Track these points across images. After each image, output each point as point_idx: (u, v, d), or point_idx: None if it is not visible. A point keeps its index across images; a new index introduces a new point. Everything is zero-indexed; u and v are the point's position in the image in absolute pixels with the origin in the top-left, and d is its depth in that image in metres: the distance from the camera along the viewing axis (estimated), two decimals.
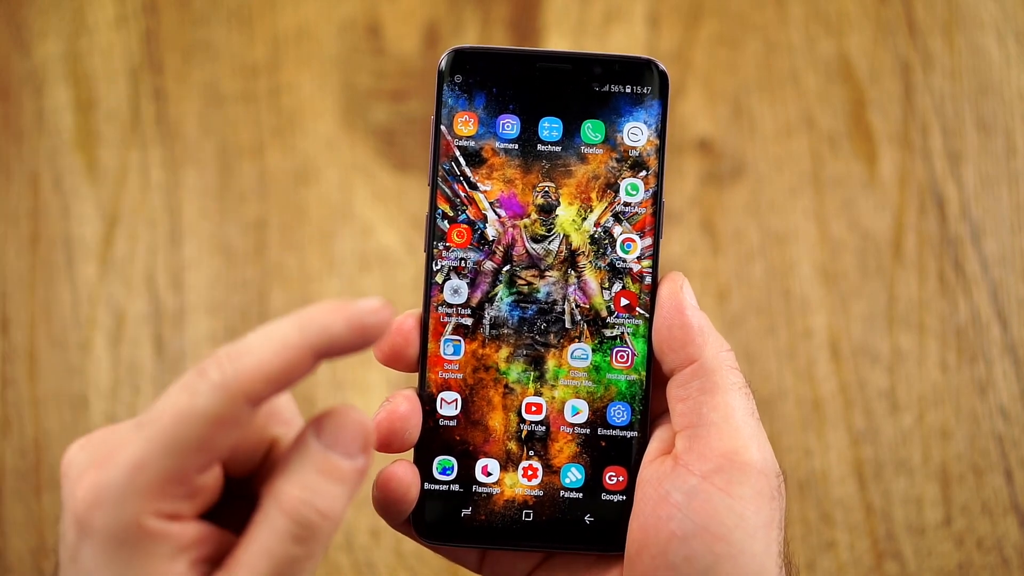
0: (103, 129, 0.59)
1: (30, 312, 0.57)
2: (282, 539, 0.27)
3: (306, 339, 0.27)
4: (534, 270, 0.36)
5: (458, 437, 0.36)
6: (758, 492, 0.32)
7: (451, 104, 0.36)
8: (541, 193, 0.36)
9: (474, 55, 0.36)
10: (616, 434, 0.36)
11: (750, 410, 0.34)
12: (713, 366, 0.34)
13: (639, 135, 0.36)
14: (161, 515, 0.26)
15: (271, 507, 0.27)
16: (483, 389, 0.36)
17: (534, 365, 0.36)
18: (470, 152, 0.36)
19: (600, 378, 0.36)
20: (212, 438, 0.26)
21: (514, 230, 0.36)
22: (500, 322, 0.36)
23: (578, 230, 0.36)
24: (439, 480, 0.35)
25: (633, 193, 0.36)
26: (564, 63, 0.36)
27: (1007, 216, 0.57)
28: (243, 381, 0.26)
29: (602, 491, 0.36)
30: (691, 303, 0.35)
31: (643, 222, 0.36)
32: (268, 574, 0.26)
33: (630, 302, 0.36)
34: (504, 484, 0.35)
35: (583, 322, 0.36)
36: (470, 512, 0.35)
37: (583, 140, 0.36)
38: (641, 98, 0.36)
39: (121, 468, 0.26)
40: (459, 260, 0.36)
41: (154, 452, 0.26)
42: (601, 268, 0.36)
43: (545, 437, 0.36)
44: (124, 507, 0.26)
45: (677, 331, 0.34)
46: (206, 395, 0.26)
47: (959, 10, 0.59)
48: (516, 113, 0.36)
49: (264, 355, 0.26)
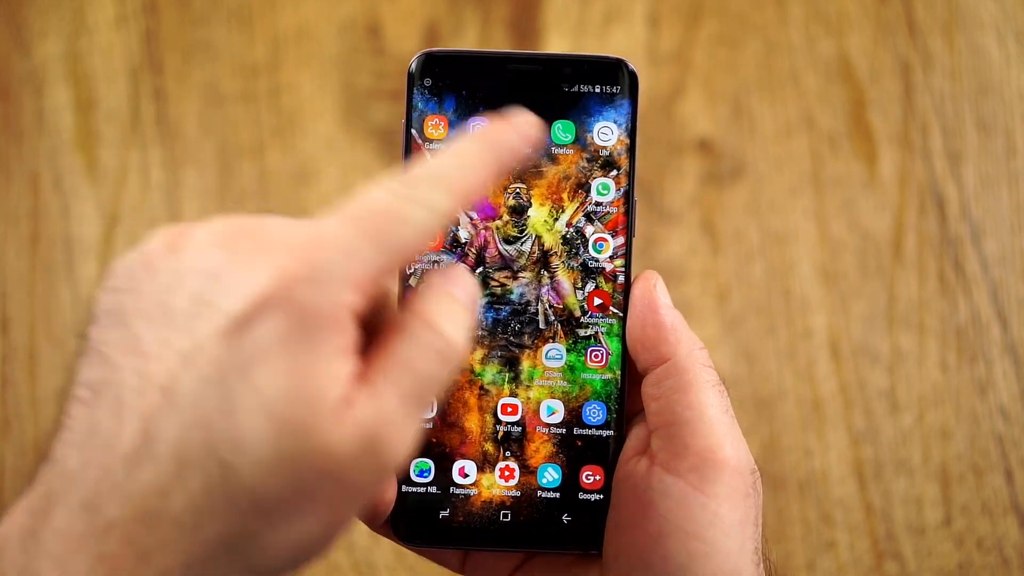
0: (103, 129, 0.59)
1: (30, 312, 0.57)
2: (426, 354, 0.27)
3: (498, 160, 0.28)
4: (507, 271, 0.36)
5: (434, 439, 0.35)
6: (733, 490, 0.32)
7: (421, 108, 0.36)
8: (512, 194, 0.36)
9: (444, 58, 0.36)
10: (592, 433, 0.36)
11: (724, 407, 0.34)
12: (686, 364, 0.34)
13: (609, 135, 0.36)
14: (354, 309, 0.26)
15: (415, 324, 0.27)
16: (458, 391, 0.36)
17: (509, 366, 0.36)
18: None
19: (575, 378, 0.36)
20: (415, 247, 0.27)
21: (486, 232, 0.36)
22: (474, 324, 0.36)
23: (550, 230, 0.36)
24: (416, 482, 0.35)
25: (604, 192, 0.36)
26: (534, 64, 0.36)
27: (1007, 216, 0.57)
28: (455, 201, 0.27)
29: (579, 491, 0.36)
30: (664, 302, 0.35)
31: (615, 221, 0.36)
32: (410, 389, 0.26)
33: (603, 301, 0.36)
34: (481, 485, 0.36)
35: (557, 322, 0.36)
36: (448, 514, 0.35)
37: (553, 140, 0.36)
38: (611, 98, 0.36)
39: (340, 251, 0.26)
40: (432, 263, 0.36)
41: (366, 246, 0.26)
42: (574, 268, 0.36)
43: (521, 438, 0.36)
44: (337, 289, 0.25)
45: (650, 330, 0.34)
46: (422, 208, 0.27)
47: (959, 10, 0.59)
48: (486, 115, 0.36)
49: (468, 175, 0.28)
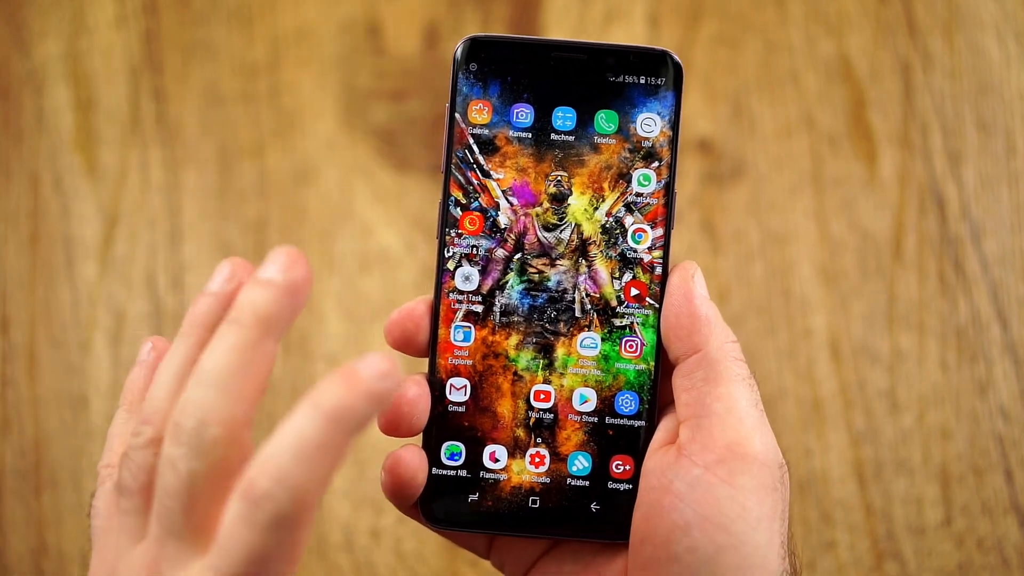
0: (103, 129, 0.59)
1: (30, 312, 0.57)
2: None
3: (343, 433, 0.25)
4: (545, 259, 0.36)
5: (466, 423, 0.36)
6: (760, 483, 0.32)
7: (466, 92, 0.36)
8: (554, 182, 0.36)
9: (489, 44, 0.36)
10: (624, 423, 0.36)
11: (754, 401, 0.34)
12: (717, 356, 0.34)
13: (652, 126, 0.36)
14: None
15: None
16: (492, 376, 0.36)
17: (543, 353, 0.36)
18: (484, 140, 0.36)
19: (609, 367, 0.36)
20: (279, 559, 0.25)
21: (526, 218, 0.36)
22: (510, 310, 0.36)
23: (590, 219, 0.36)
24: (447, 465, 0.36)
25: (645, 183, 0.36)
26: (579, 53, 0.36)
27: (1007, 216, 0.57)
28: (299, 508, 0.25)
29: (609, 480, 0.36)
30: (701, 293, 0.35)
31: (655, 213, 0.36)
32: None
33: (640, 292, 0.36)
34: (511, 471, 0.36)
35: (593, 311, 0.36)
36: (477, 498, 0.36)
37: (596, 130, 0.36)
38: (655, 89, 0.36)
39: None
40: (471, 247, 0.36)
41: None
42: (612, 258, 0.36)
43: (553, 425, 0.36)
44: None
45: (684, 319, 0.35)
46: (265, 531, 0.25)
47: (959, 10, 0.59)
48: (530, 102, 0.36)
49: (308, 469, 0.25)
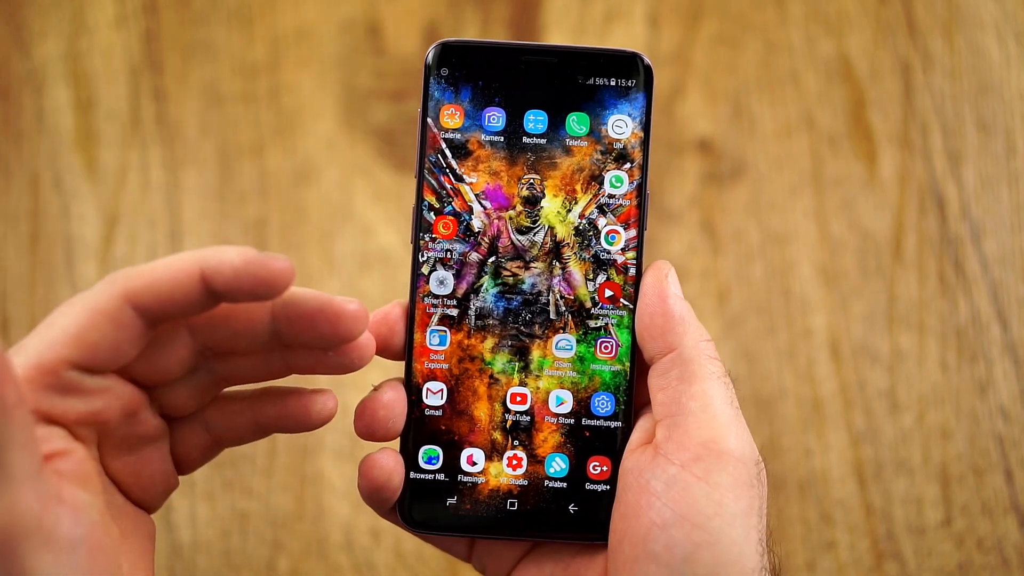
0: (103, 129, 0.59)
1: (30, 312, 0.57)
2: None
3: (197, 259, 0.28)
4: (519, 261, 0.36)
5: (443, 427, 0.36)
6: (736, 480, 0.32)
7: (437, 97, 0.36)
8: (526, 185, 0.36)
9: (460, 48, 0.36)
10: (600, 424, 0.36)
11: (729, 398, 0.34)
12: (692, 355, 0.34)
13: (624, 128, 0.36)
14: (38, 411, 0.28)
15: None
16: (468, 379, 0.36)
17: (519, 356, 0.36)
18: (456, 144, 0.36)
19: (584, 368, 0.36)
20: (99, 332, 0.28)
21: (499, 222, 0.36)
22: (485, 313, 0.36)
23: (563, 222, 0.36)
24: (425, 469, 0.36)
25: (618, 185, 0.36)
26: (549, 56, 0.36)
27: (1007, 216, 0.57)
28: (131, 284, 0.28)
29: (586, 481, 0.36)
30: (674, 292, 0.35)
31: (627, 214, 0.36)
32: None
33: (614, 293, 0.36)
34: (489, 474, 0.36)
35: (567, 313, 0.36)
36: (455, 501, 0.36)
37: (568, 132, 0.36)
38: (626, 91, 0.36)
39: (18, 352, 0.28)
40: (445, 251, 0.36)
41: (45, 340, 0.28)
42: (586, 259, 0.36)
43: (530, 427, 0.36)
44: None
45: (658, 319, 0.35)
46: (97, 290, 0.28)
47: (959, 10, 0.59)
48: (501, 106, 0.36)
49: (156, 266, 0.28)
